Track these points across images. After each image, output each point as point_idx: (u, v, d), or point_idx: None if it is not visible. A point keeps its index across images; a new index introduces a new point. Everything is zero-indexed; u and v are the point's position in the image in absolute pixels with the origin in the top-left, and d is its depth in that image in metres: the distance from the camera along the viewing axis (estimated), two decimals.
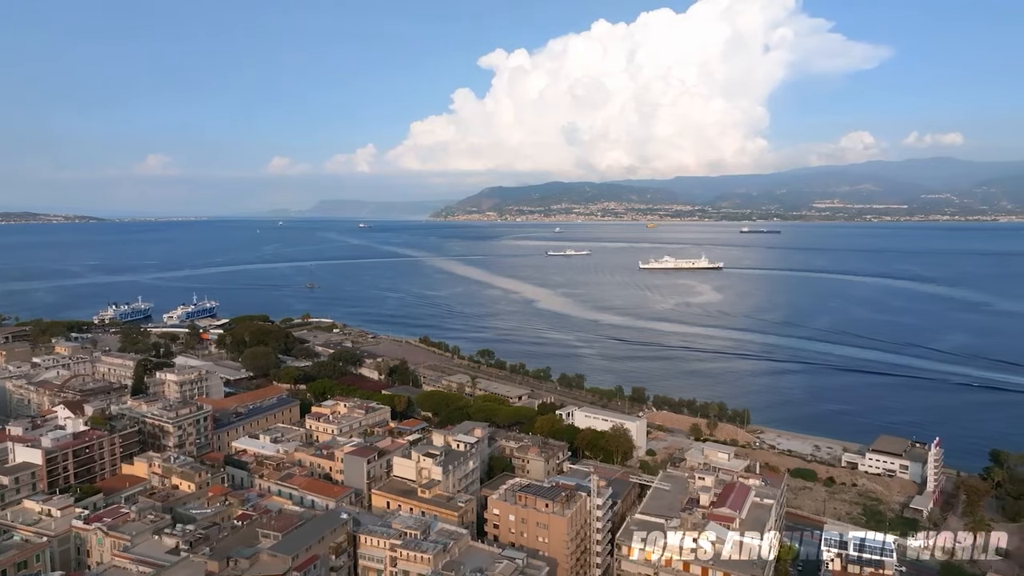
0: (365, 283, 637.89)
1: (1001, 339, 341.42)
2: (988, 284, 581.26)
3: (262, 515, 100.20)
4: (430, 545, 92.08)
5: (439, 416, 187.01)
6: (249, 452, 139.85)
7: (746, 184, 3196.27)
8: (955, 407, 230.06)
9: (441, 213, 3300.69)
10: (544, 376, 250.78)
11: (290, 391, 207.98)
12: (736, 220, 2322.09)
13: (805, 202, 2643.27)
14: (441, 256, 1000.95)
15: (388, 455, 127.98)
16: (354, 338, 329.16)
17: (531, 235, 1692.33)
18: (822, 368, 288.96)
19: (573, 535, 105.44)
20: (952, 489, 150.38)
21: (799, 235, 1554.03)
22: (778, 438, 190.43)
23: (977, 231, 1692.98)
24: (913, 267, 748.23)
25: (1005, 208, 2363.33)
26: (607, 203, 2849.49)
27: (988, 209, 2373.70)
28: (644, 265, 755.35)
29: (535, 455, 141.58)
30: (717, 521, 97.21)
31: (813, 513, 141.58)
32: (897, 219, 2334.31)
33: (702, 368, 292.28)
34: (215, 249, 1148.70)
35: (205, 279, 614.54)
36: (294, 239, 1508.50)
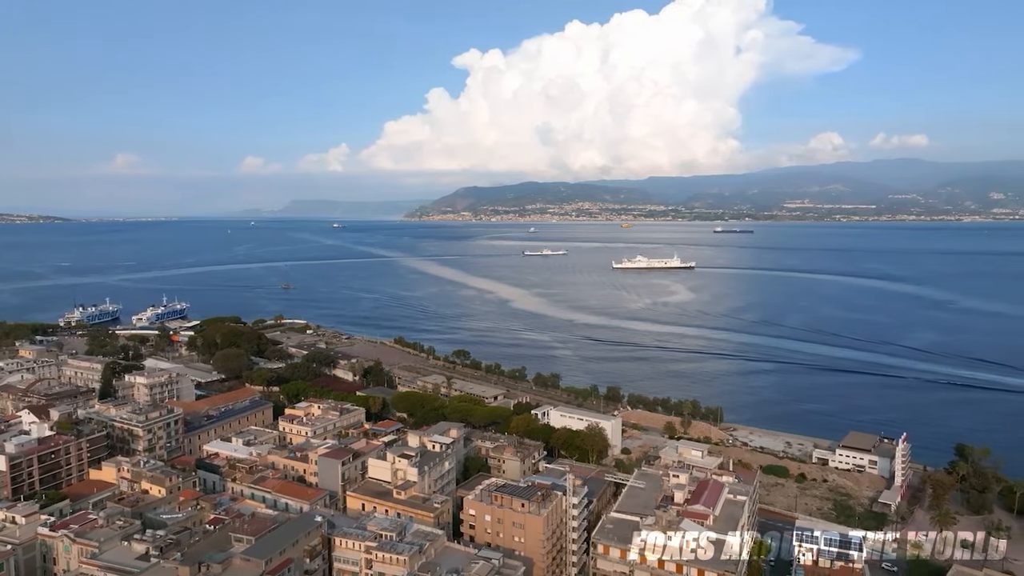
0: (339, 284, 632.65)
1: (965, 336, 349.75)
2: (952, 282, 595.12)
3: (234, 519, 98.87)
4: (406, 547, 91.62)
5: (414, 417, 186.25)
6: (221, 455, 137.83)
7: (718, 184, 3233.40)
8: (922, 403, 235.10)
9: (416, 213, 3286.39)
10: (519, 376, 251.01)
11: (263, 393, 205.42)
12: (709, 220, 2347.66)
13: (776, 202, 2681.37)
14: (416, 256, 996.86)
15: (363, 457, 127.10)
16: (328, 339, 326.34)
17: (506, 235, 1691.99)
18: (793, 366, 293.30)
19: (549, 534, 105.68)
20: (919, 483, 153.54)
21: (771, 235, 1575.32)
22: (750, 435, 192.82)
23: (941, 231, 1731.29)
24: (881, 266, 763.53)
25: (968, 208, 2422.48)
26: (581, 203, 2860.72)
27: (952, 209, 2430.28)
28: (617, 265, 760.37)
29: (511, 455, 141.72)
30: (691, 518, 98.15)
31: (785, 509, 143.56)
32: (865, 219, 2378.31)
33: (676, 367, 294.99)
34: (185, 250, 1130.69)
35: (175, 280, 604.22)
36: (266, 239, 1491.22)
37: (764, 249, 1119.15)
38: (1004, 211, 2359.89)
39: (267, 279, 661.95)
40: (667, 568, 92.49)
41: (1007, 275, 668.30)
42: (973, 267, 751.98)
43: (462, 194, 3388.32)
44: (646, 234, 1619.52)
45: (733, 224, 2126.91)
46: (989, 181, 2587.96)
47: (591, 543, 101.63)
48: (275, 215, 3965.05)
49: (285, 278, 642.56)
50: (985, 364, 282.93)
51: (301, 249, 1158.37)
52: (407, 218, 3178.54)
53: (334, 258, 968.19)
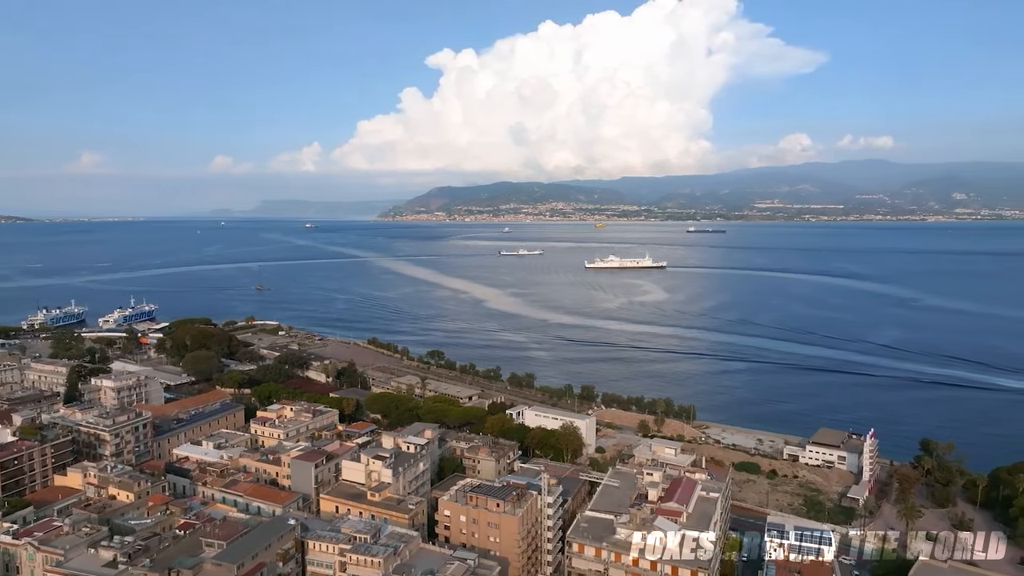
0: (311, 284, 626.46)
1: (929, 333, 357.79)
2: (916, 281, 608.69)
3: (205, 523, 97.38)
4: (380, 549, 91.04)
5: (388, 418, 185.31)
6: (191, 459, 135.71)
7: (690, 184, 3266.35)
8: (888, 400, 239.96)
9: (389, 213, 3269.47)
10: (494, 376, 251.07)
11: (234, 396, 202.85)
12: (681, 220, 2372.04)
13: (747, 202, 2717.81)
14: (389, 257, 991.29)
15: (336, 459, 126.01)
16: (300, 340, 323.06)
17: (480, 235, 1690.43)
18: (764, 364, 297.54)
19: (524, 534, 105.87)
20: (886, 478, 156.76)
21: (742, 235, 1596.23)
22: (723, 433, 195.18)
23: (907, 230, 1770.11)
24: (848, 265, 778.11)
25: (932, 208, 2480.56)
26: (555, 203, 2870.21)
27: (917, 209, 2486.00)
28: (590, 265, 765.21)
29: (486, 455, 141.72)
30: (665, 516, 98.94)
31: (757, 505, 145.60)
32: (834, 219, 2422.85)
33: (649, 366, 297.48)
34: (154, 251, 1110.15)
35: (143, 281, 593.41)
36: (237, 240, 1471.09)
37: (735, 249, 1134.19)
38: (966, 211, 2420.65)
39: (238, 280, 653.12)
40: (641, 565, 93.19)
41: (968, 274, 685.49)
42: (936, 266, 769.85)
43: (436, 194, 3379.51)
44: (620, 234, 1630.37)
45: (705, 224, 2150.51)
46: (952, 182, 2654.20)
47: (566, 542, 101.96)
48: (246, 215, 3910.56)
49: (258, 279, 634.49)
50: (949, 361, 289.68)
51: (272, 249, 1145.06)
52: (381, 218, 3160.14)
53: (306, 258, 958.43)
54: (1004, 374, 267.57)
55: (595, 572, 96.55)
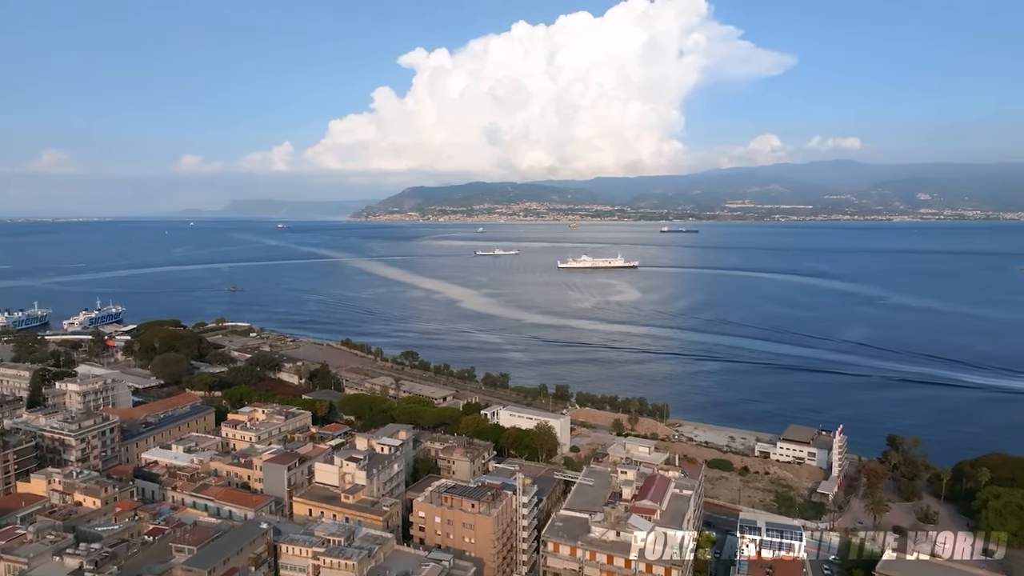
0: (283, 285, 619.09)
1: (896, 331, 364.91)
2: (883, 280, 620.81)
3: (175, 529, 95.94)
4: (354, 551, 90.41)
5: (362, 420, 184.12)
6: (161, 463, 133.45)
7: (663, 185, 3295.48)
8: (857, 396, 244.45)
9: (362, 213, 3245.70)
10: (469, 376, 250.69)
11: (204, 398, 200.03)
12: (654, 220, 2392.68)
13: (718, 202, 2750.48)
14: (362, 257, 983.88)
15: (309, 461, 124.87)
16: (272, 342, 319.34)
17: (454, 235, 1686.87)
18: (736, 362, 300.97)
19: (499, 534, 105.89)
20: (854, 473, 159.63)
21: (714, 235, 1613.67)
22: (695, 430, 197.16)
23: (874, 230, 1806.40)
24: (818, 264, 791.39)
25: (898, 208, 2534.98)
26: (529, 203, 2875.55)
27: (883, 209, 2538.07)
28: (563, 264, 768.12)
29: (460, 456, 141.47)
30: (639, 513, 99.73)
31: (729, 502, 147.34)
32: (803, 219, 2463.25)
33: (623, 365, 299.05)
34: (120, 251, 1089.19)
35: (109, 283, 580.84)
36: (207, 240, 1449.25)
37: (707, 248, 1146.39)
38: (930, 211, 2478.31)
39: (208, 281, 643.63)
40: (616, 563, 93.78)
41: (933, 273, 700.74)
42: (902, 265, 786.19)
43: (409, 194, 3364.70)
44: (594, 234, 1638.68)
45: (678, 224, 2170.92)
46: (916, 182, 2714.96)
47: (541, 541, 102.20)
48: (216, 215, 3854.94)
49: (229, 280, 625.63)
50: (915, 358, 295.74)
51: (243, 250, 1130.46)
52: (353, 218, 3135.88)
53: (278, 259, 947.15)
54: (968, 370, 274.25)
55: (570, 571, 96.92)
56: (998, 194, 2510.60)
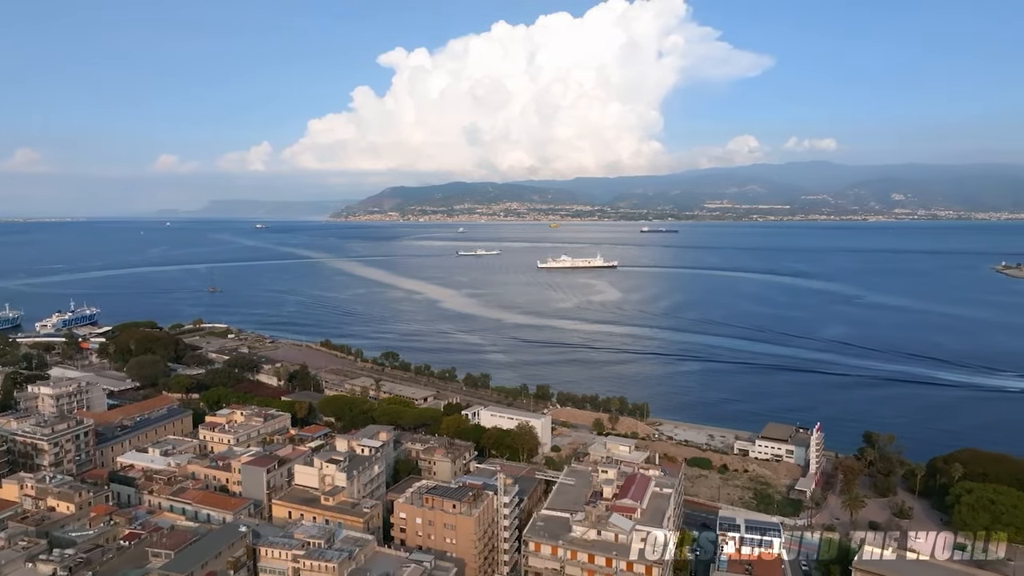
0: (262, 286, 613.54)
1: (872, 330, 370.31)
2: (859, 279, 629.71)
3: (152, 533, 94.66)
4: (335, 553, 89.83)
5: (342, 421, 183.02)
6: (137, 467, 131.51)
7: (642, 185, 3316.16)
8: (834, 394, 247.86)
9: (341, 213, 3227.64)
10: (449, 377, 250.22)
11: (182, 401, 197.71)
12: (634, 220, 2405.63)
13: (697, 202, 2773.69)
14: (342, 257, 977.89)
15: (289, 463, 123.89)
16: (251, 343, 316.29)
17: (434, 235, 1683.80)
18: (715, 361, 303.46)
19: (481, 534, 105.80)
20: (831, 470, 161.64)
21: (693, 234, 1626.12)
22: (675, 429, 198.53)
23: (849, 230, 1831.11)
24: (795, 264, 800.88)
25: (873, 208, 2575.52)
26: (509, 203, 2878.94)
27: (859, 209, 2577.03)
28: (542, 264, 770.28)
29: (441, 456, 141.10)
30: (620, 512, 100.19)
31: (709, 500, 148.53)
32: (780, 219, 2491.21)
33: (603, 364, 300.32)
34: (95, 252, 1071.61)
35: (84, 284, 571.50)
36: (183, 240, 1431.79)
37: (686, 248, 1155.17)
38: (904, 211, 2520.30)
39: (186, 282, 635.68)
40: (597, 562, 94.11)
41: (908, 272, 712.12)
42: (877, 264, 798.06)
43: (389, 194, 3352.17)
44: (575, 234, 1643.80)
45: (658, 224, 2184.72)
46: (891, 183, 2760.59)
47: (523, 541, 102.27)
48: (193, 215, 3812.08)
49: (208, 281, 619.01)
50: (890, 356, 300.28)
51: (221, 250, 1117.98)
52: (333, 218, 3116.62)
53: (256, 260, 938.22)
54: (942, 368, 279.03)
55: (552, 570, 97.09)
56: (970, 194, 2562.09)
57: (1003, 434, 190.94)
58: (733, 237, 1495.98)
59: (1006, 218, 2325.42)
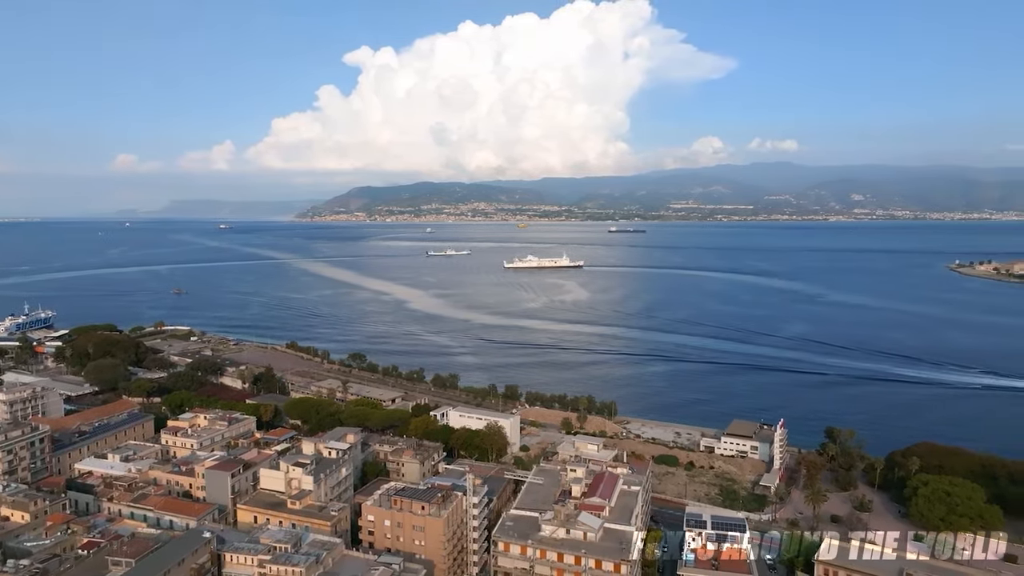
0: (225, 288, 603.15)
1: (833, 327, 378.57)
2: (821, 278, 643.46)
3: (112, 541, 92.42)
4: (302, 558, 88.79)
5: (309, 423, 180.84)
6: (96, 474, 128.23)
7: (609, 185, 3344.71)
8: (797, 390, 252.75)
9: (307, 213, 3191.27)
10: (418, 378, 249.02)
11: (143, 405, 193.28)
12: (600, 220, 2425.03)
13: (663, 202, 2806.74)
14: (308, 258, 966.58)
15: (254, 467, 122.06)
16: (214, 346, 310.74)
17: (402, 235, 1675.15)
18: (681, 360, 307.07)
19: (450, 535, 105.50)
20: (795, 465, 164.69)
21: (660, 234, 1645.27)
22: (643, 427, 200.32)
23: (811, 229, 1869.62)
24: (759, 263, 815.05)
25: (834, 208, 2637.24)
26: (477, 203, 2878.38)
27: (820, 209, 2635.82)
28: (509, 264, 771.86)
29: (410, 458, 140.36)
30: (588, 510, 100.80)
31: (676, 496, 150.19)
32: (744, 218, 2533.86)
33: (572, 364, 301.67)
34: (50, 253, 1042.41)
35: (38, 286, 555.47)
36: (144, 241, 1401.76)
37: (652, 248, 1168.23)
38: (864, 211, 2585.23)
39: (146, 283, 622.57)
40: (566, 560, 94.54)
41: (867, 271, 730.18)
42: (838, 263, 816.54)
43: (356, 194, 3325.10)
44: (543, 234, 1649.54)
45: (626, 224, 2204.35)
46: (850, 183, 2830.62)
47: (492, 541, 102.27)
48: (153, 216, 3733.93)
49: (170, 282, 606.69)
50: (851, 353, 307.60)
51: (183, 251, 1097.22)
52: (298, 219, 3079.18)
53: (219, 261, 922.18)
54: (900, 364, 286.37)
55: (521, 570, 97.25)
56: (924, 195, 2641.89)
57: (958, 428, 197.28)
58: (698, 237, 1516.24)
59: (959, 218, 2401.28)
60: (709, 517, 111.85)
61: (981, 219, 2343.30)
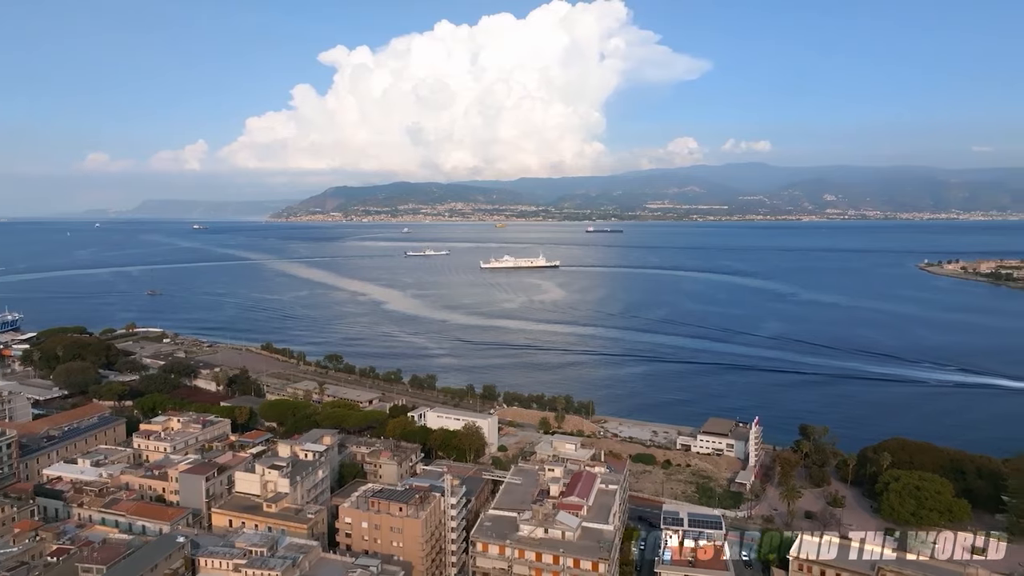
0: (199, 289, 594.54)
1: (807, 326, 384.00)
2: (794, 277, 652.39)
3: (82, 547, 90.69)
4: (278, 561, 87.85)
5: (285, 426, 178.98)
6: (65, 479, 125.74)
7: (585, 185, 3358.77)
8: (772, 388, 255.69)
9: (282, 214, 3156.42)
10: (395, 378, 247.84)
11: (114, 409, 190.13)
12: (577, 220, 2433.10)
13: (639, 203, 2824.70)
14: (283, 259, 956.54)
15: (229, 470, 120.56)
16: (187, 348, 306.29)
17: (379, 236, 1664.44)
18: (658, 359, 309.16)
19: (428, 536, 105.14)
20: (770, 462, 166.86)
21: (636, 234, 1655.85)
22: (620, 426, 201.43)
23: (784, 229, 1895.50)
24: (734, 263, 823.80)
25: (806, 208, 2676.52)
26: (454, 203, 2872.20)
27: (793, 209, 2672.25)
28: (485, 265, 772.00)
29: (387, 459, 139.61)
30: (566, 510, 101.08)
31: (653, 495, 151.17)
32: (719, 219, 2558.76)
33: (549, 363, 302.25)
34: (17, 254, 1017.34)
35: (4, 288, 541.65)
36: (114, 242, 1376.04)
37: (629, 248, 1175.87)
38: (836, 211, 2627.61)
39: (117, 285, 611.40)
40: (544, 559, 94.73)
41: (839, 270, 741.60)
42: (811, 263, 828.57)
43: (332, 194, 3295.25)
44: (521, 234, 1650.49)
45: (603, 224, 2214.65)
46: (822, 184, 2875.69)
47: (470, 542, 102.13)
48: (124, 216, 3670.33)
49: (143, 284, 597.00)
50: (825, 351, 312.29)
51: (155, 252, 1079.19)
52: (273, 219, 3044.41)
53: (192, 261, 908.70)
54: (872, 361, 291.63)
55: (499, 570, 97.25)
56: (894, 195, 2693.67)
57: (928, 424, 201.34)
58: (674, 237, 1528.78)
59: (927, 218, 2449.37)
60: (686, 515, 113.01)
61: (949, 219, 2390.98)
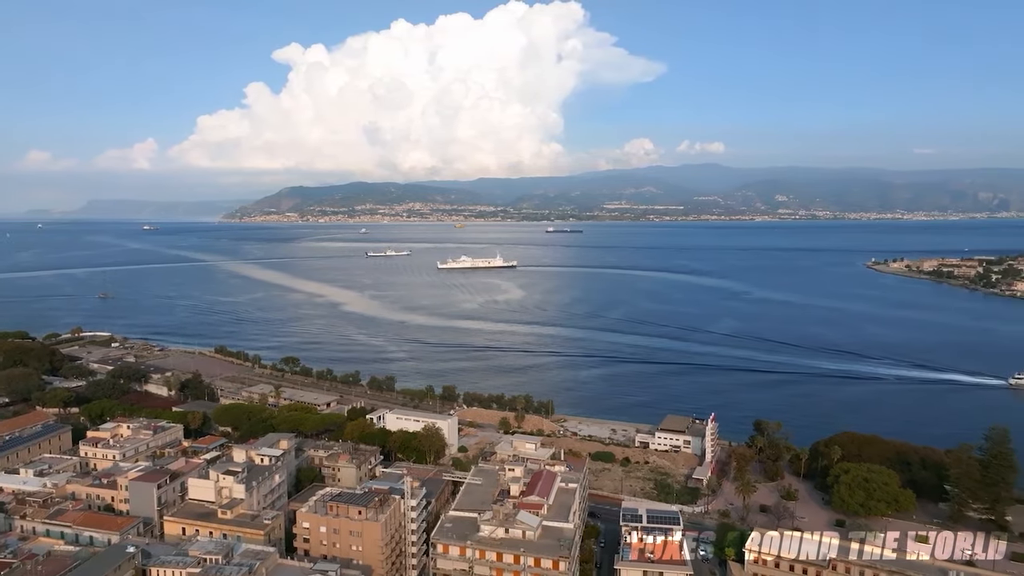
0: (149, 291, 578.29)
1: (760, 323, 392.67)
2: (747, 276, 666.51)
3: (25, 561, 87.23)
4: (234, 569, 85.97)
5: (240, 430, 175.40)
6: (6, 490, 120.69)
7: (544, 186, 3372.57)
8: (727, 385, 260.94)
9: (236, 214, 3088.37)
10: (353, 380, 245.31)
11: (59, 416, 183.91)
12: (536, 220, 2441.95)
13: (597, 203, 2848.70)
14: (237, 260, 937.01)
15: (182, 477, 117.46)
16: (137, 352, 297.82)
17: (336, 236, 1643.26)
18: (615, 358, 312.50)
19: (388, 539, 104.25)
20: (725, 458, 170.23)
21: (595, 234, 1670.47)
22: (579, 425, 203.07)
23: (738, 229, 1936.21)
24: (689, 262, 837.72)
25: (759, 209, 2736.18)
26: (412, 204, 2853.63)
27: (746, 210, 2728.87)
28: (442, 265, 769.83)
29: (346, 462, 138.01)
30: (527, 509, 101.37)
31: (612, 492, 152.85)
32: (675, 218, 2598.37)
33: (509, 363, 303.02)
34: None
35: None
36: (58, 244, 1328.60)
37: (587, 248, 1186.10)
38: (787, 211, 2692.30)
39: (62, 288, 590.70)
40: (505, 559, 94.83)
41: (791, 269, 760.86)
42: (763, 262, 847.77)
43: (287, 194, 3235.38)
44: (481, 234, 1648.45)
45: (563, 224, 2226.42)
46: (774, 184, 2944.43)
47: (431, 543, 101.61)
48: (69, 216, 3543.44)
49: (93, 286, 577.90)
50: (778, 347, 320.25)
51: (103, 254, 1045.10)
52: (226, 219, 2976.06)
53: (142, 263, 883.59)
54: (823, 357, 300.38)
55: (460, 571, 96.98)
56: (842, 196, 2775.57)
57: (875, 417, 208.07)
58: (631, 237, 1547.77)
59: (874, 218, 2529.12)
60: (644, 511, 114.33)
61: (894, 219, 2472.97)
